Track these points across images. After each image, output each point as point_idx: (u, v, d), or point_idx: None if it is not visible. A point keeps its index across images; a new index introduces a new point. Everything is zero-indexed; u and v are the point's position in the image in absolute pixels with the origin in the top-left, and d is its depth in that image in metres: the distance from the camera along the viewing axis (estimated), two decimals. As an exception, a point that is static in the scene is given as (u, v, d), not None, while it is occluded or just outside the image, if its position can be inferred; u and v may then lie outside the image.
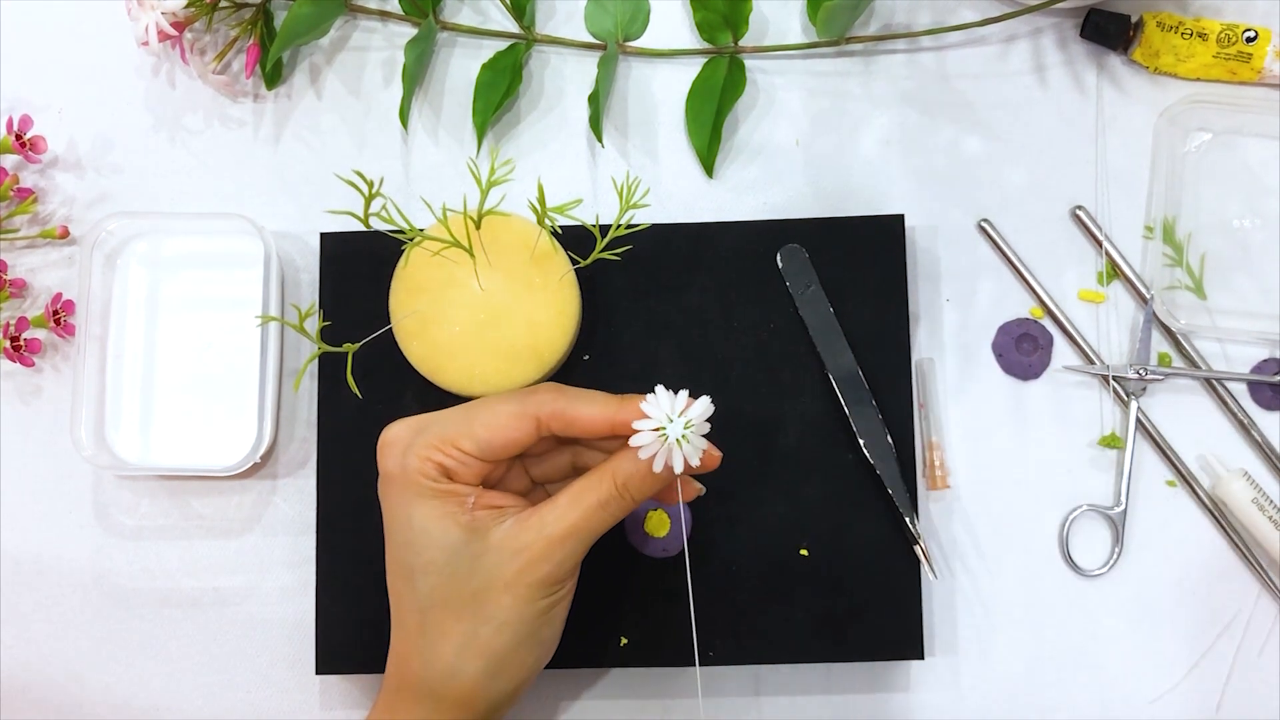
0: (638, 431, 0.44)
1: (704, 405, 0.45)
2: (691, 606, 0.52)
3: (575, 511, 0.47)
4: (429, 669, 0.48)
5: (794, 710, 0.58)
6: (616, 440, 0.48)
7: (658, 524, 0.55)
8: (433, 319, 0.55)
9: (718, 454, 0.48)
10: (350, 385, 0.53)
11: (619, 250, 0.53)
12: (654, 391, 0.45)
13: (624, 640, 0.56)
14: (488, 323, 0.54)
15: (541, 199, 0.50)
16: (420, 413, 0.58)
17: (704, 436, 0.45)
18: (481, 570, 0.47)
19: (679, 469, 0.44)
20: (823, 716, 0.58)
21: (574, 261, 0.55)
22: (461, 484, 0.47)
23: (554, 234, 0.56)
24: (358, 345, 0.53)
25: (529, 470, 0.52)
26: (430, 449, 0.47)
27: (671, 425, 0.44)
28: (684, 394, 0.45)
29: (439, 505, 0.47)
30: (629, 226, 0.52)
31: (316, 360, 0.59)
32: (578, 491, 0.47)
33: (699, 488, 0.51)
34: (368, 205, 0.49)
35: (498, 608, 0.47)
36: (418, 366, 0.55)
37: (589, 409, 0.47)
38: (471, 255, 0.52)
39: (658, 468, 0.45)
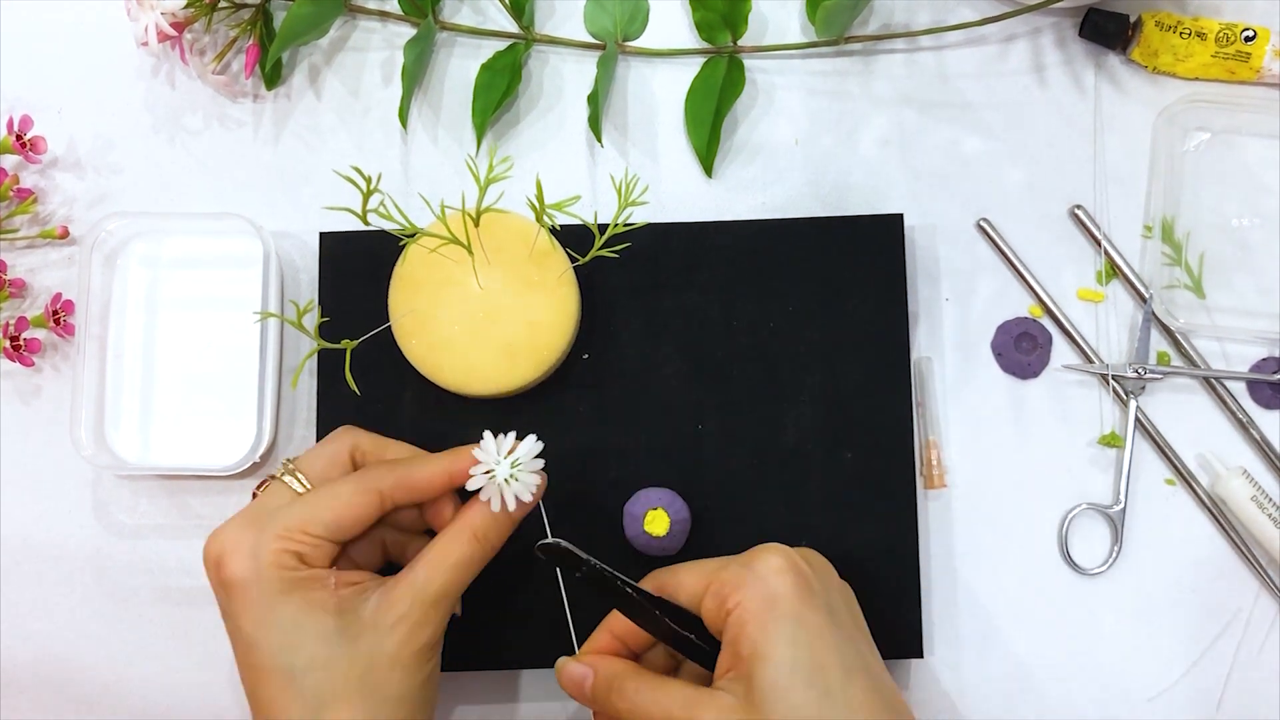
0: (473, 478, 0.47)
1: (529, 445, 0.48)
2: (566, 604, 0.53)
3: (443, 573, 0.47)
4: None
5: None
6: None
7: (657, 523, 0.55)
8: (432, 317, 0.55)
9: (543, 483, 0.49)
10: (348, 382, 0.53)
11: (618, 248, 0.53)
12: (483, 438, 0.48)
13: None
14: (487, 321, 0.55)
15: (540, 196, 0.50)
16: (418, 412, 0.58)
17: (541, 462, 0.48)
18: (363, 651, 0.46)
19: (512, 507, 0.48)
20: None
21: (573, 259, 0.55)
22: (318, 569, 0.47)
23: (552, 232, 0.56)
24: (356, 342, 0.53)
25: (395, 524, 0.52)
26: (280, 540, 0.46)
27: (499, 467, 0.47)
28: (510, 436, 0.48)
29: (305, 595, 0.46)
30: (627, 224, 0.52)
31: (316, 361, 0.59)
32: (440, 553, 0.48)
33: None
34: (365, 201, 0.49)
35: (389, 685, 0.46)
36: (417, 365, 0.55)
37: (426, 470, 0.49)
38: (470, 252, 0.52)
39: (495, 508, 0.47)
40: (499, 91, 0.60)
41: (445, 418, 0.58)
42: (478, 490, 0.48)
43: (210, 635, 0.59)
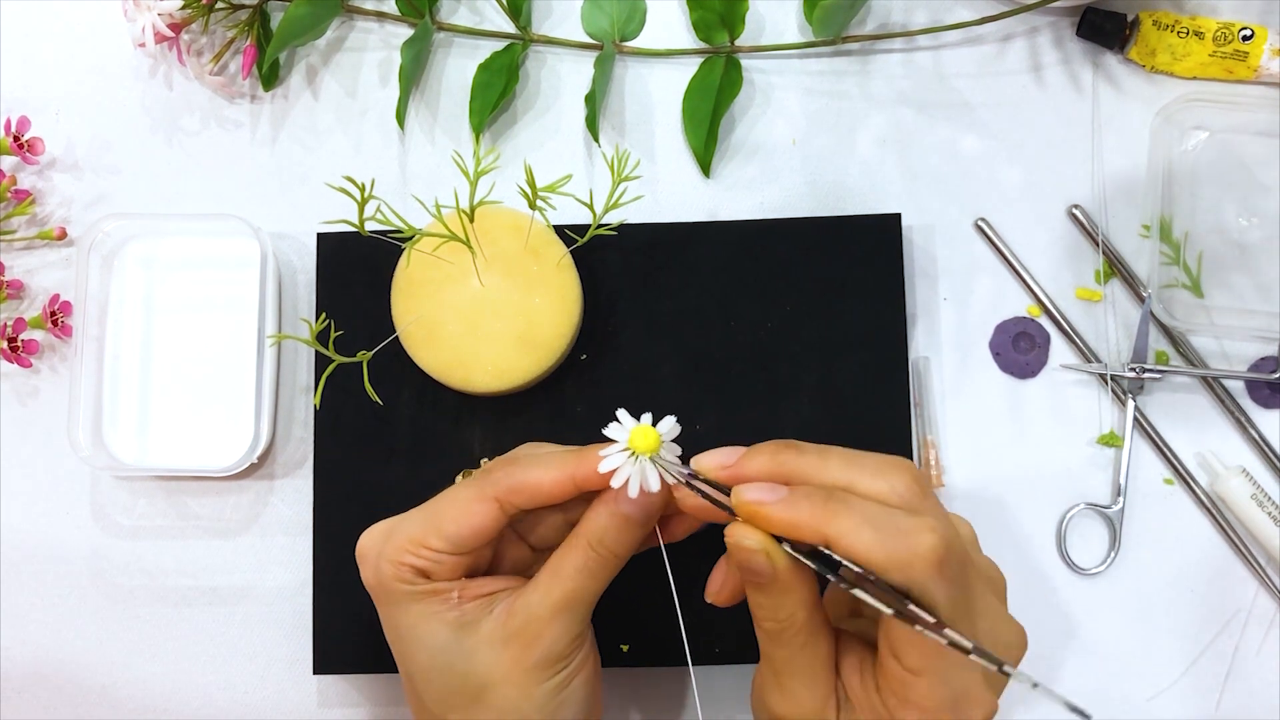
0: (604, 474, 0.42)
1: (671, 422, 0.42)
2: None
3: (557, 585, 0.44)
4: None
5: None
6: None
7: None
8: (438, 321, 0.55)
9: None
10: (369, 393, 0.53)
11: (615, 224, 0.54)
12: (616, 419, 0.42)
13: (625, 647, 0.56)
14: (492, 316, 0.55)
15: (531, 182, 0.50)
16: (416, 410, 0.58)
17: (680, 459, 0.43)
18: (478, 665, 0.44)
19: (655, 486, 0.42)
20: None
21: (570, 242, 0.55)
22: (442, 581, 0.45)
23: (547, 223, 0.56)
24: (371, 354, 0.53)
25: (527, 538, 0.48)
26: (400, 553, 0.45)
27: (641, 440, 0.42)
28: (646, 416, 0.42)
29: (422, 608, 0.44)
30: (623, 201, 0.52)
31: (313, 359, 0.59)
32: (555, 563, 0.45)
33: (691, 524, 0.46)
34: (362, 210, 0.49)
35: (503, 701, 0.44)
36: (429, 371, 0.55)
37: (545, 473, 0.44)
38: (470, 249, 0.52)
39: (633, 492, 0.42)
40: (496, 92, 0.60)
41: (444, 415, 0.58)
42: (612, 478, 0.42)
43: (208, 636, 0.59)
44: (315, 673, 0.57)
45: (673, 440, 0.42)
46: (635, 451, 0.41)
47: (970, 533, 0.45)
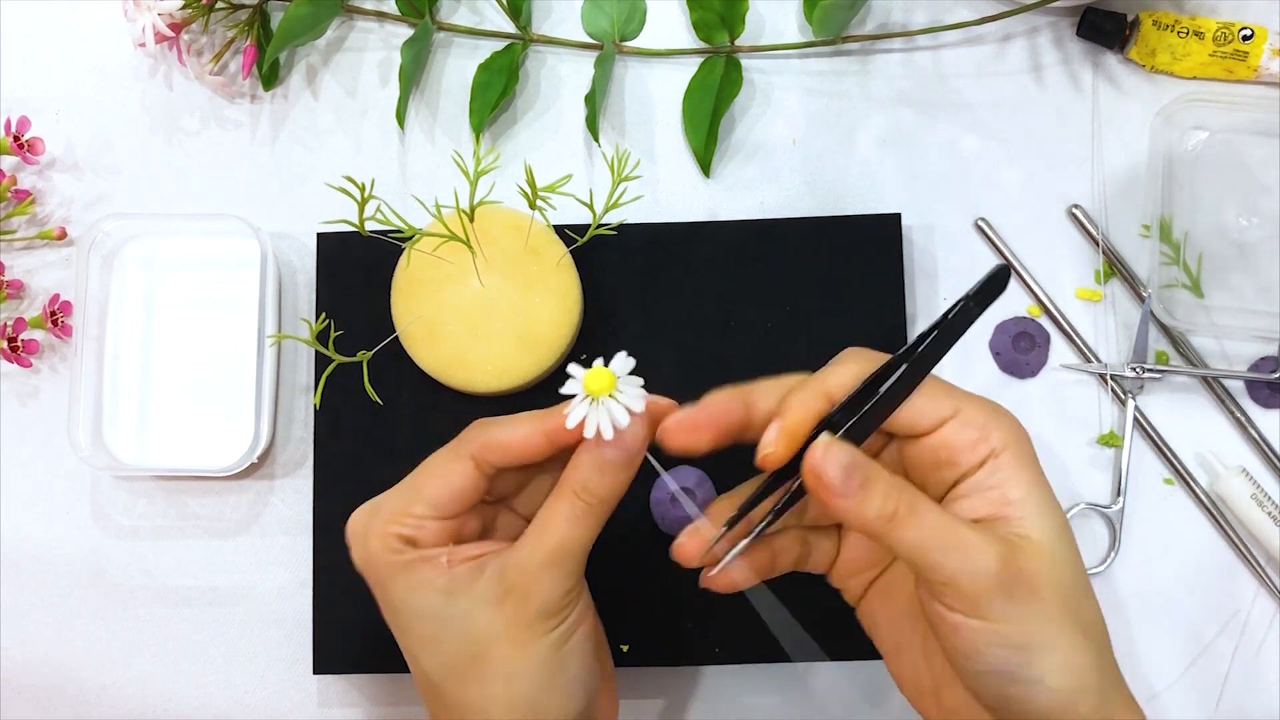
0: (571, 415, 0.42)
1: (622, 358, 0.42)
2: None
3: (547, 536, 0.44)
4: None
5: (794, 709, 0.58)
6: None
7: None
8: (438, 321, 0.55)
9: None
10: (369, 393, 0.53)
11: (614, 224, 0.54)
12: (568, 371, 0.42)
13: (625, 648, 0.56)
14: (492, 317, 0.55)
15: (531, 182, 0.50)
16: (416, 410, 0.58)
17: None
18: (475, 627, 0.44)
19: (624, 422, 0.41)
20: (823, 715, 0.58)
21: (570, 242, 0.55)
22: (429, 548, 0.45)
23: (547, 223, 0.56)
24: (371, 353, 0.53)
25: (517, 508, 0.49)
26: (385, 524, 0.45)
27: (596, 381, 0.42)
28: (598, 361, 0.42)
29: (410, 577, 0.44)
30: (623, 201, 0.52)
31: (313, 359, 0.59)
32: (543, 515, 0.44)
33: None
34: (362, 210, 0.49)
35: (503, 660, 0.44)
36: (427, 370, 0.55)
37: (518, 429, 0.45)
38: (470, 249, 0.52)
39: (607, 434, 0.41)
40: (496, 92, 0.60)
41: (445, 415, 0.58)
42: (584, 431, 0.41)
43: (208, 636, 0.59)
44: (315, 673, 0.57)
45: (631, 374, 0.42)
46: (593, 395, 0.41)
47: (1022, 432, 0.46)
